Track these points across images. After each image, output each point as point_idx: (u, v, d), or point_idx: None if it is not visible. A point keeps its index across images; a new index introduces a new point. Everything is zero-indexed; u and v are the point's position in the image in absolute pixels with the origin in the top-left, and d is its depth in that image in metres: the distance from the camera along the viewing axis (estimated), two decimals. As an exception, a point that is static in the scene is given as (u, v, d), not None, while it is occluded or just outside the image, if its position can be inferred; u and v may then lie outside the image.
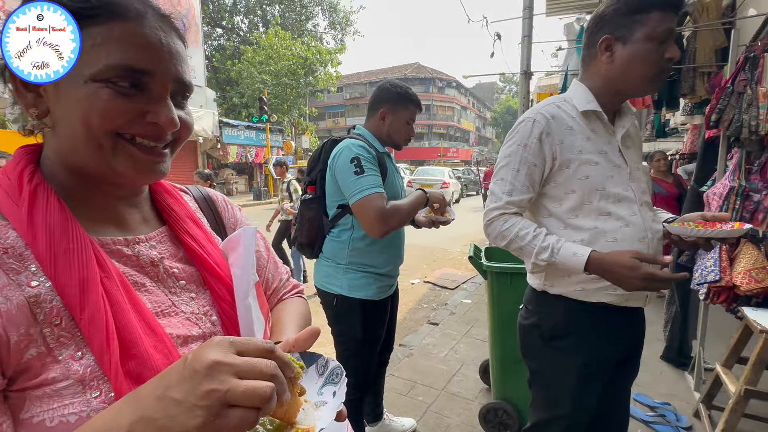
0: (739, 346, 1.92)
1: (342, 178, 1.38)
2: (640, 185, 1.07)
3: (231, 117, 20.12)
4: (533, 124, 1.06)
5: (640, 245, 1.02)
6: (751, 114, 1.89)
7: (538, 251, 1.02)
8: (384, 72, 39.18)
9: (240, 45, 22.25)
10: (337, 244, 1.49)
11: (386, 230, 1.33)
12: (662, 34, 0.95)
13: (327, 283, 1.52)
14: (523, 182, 1.07)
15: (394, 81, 1.54)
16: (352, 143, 1.39)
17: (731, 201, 1.94)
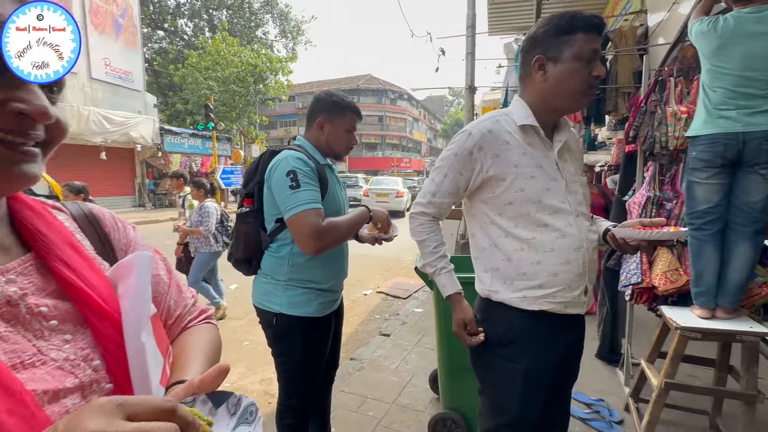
0: (659, 342, 2.09)
1: (278, 192, 1.32)
2: (577, 197, 1.13)
3: (174, 124, 19.01)
4: (468, 136, 1.13)
5: (575, 255, 1.08)
6: (661, 131, 2.10)
7: (428, 265, 1.22)
8: (337, 82, 39.21)
9: (184, 49, 21.19)
10: (275, 259, 1.42)
11: (321, 247, 1.28)
12: (588, 54, 1.03)
13: (265, 300, 1.44)
14: (447, 187, 1.16)
15: (330, 90, 1.52)
16: (291, 155, 1.34)
17: (648, 209, 2.13)
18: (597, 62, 1.04)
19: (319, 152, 1.49)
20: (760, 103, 1.69)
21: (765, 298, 1.89)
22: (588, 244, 1.11)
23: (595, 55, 1.04)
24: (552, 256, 1.08)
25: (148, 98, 15.77)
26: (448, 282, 1.20)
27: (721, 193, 1.83)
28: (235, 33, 22.04)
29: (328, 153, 1.51)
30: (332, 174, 1.51)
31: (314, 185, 1.32)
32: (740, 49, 1.72)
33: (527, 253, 1.09)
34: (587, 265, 1.11)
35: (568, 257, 1.08)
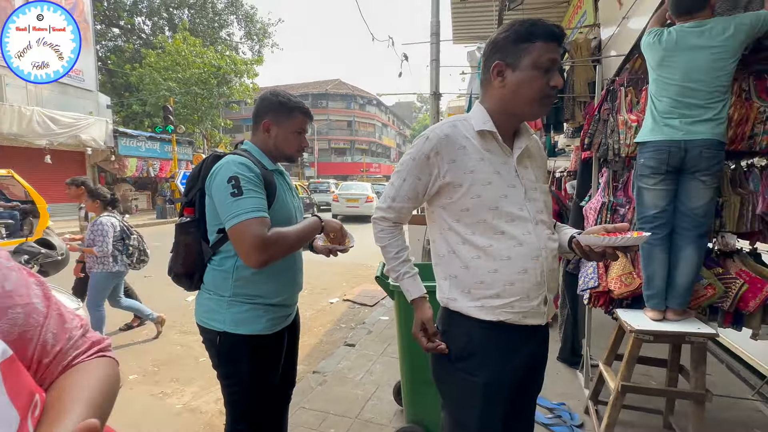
0: (616, 344, 2.14)
1: (219, 200, 1.21)
2: (536, 204, 1.11)
3: (131, 126, 18.01)
4: (426, 141, 1.10)
5: (533, 263, 1.05)
6: (614, 139, 2.16)
7: (391, 270, 1.20)
8: (304, 86, 38.79)
9: (141, 48, 20.20)
10: (219, 273, 1.31)
11: (265, 260, 1.18)
12: (546, 63, 1.02)
13: (208, 318, 1.32)
14: (406, 192, 1.15)
15: (276, 90, 1.43)
16: (233, 160, 1.24)
17: (603, 215, 2.19)
18: (555, 72, 1.03)
19: (268, 156, 1.39)
20: (700, 112, 1.77)
21: (710, 299, 1.97)
22: (547, 253, 1.08)
23: (553, 65, 1.03)
24: (509, 265, 1.05)
25: (101, 98, 14.84)
26: (411, 286, 1.18)
27: (667, 198, 1.90)
28: (198, 33, 21.29)
29: (277, 157, 1.42)
30: (282, 180, 1.42)
31: (259, 192, 1.23)
32: (682, 61, 1.80)
33: (484, 261, 1.06)
34: (546, 275, 1.08)
35: (526, 266, 1.05)
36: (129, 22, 22.04)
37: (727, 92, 1.77)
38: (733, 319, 2.03)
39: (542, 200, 1.13)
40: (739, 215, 1.96)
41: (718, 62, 1.73)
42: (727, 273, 2.01)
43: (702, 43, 1.76)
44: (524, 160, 1.14)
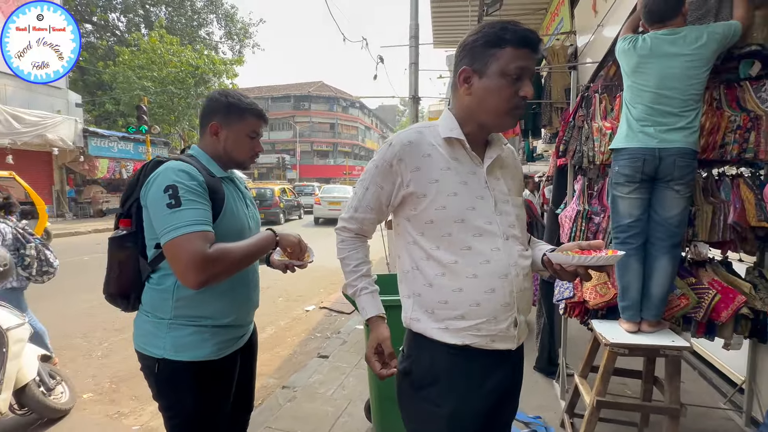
0: (591, 356, 2.09)
1: (154, 212, 1.08)
2: (507, 218, 1.02)
3: (104, 126, 17.37)
4: (389, 147, 1.03)
5: (500, 282, 0.96)
6: (588, 146, 2.13)
7: (348, 285, 1.11)
8: (287, 88, 38.40)
9: (115, 45, 19.54)
10: (157, 293, 1.17)
11: (204, 280, 1.05)
12: (515, 71, 0.93)
13: (146, 343, 1.18)
14: (369, 201, 1.08)
15: (225, 90, 1.31)
16: (173, 167, 1.11)
17: (578, 223, 2.15)
18: (526, 81, 0.95)
19: (217, 162, 1.26)
20: (674, 120, 1.75)
21: (684, 309, 1.94)
22: (518, 271, 0.99)
23: (523, 73, 0.94)
24: (475, 284, 0.96)
25: (71, 97, 14.21)
26: (368, 303, 1.08)
27: (642, 207, 1.87)
28: (175, 31, 20.74)
29: (228, 163, 1.29)
30: (233, 188, 1.29)
31: (201, 202, 1.10)
32: (656, 68, 1.77)
33: (448, 279, 0.97)
34: (516, 295, 0.98)
35: (493, 285, 0.96)
36: (102, 18, 21.30)
37: (699, 101, 1.75)
38: (706, 329, 2.01)
39: (514, 214, 1.04)
40: (711, 224, 1.94)
41: (692, 70, 1.71)
42: (700, 283, 1.99)
43: (676, 50, 1.74)
44: (496, 170, 1.06)
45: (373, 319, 1.06)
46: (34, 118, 11.79)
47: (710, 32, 1.70)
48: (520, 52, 0.93)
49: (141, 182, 1.15)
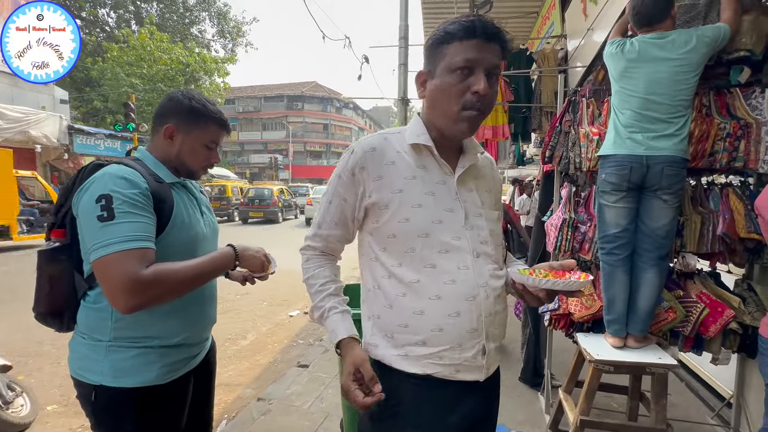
0: (576, 371, 2.01)
1: (84, 224, 0.97)
2: (479, 233, 0.92)
3: (92, 123, 17.01)
4: (351, 155, 0.95)
5: (467, 305, 0.87)
6: (575, 152, 2.05)
7: (314, 307, 0.97)
8: (280, 87, 38.14)
9: (104, 41, 19.20)
10: (94, 312, 1.05)
11: (136, 305, 0.93)
12: (460, 64, 0.83)
13: (81, 368, 1.05)
14: (332, 216, 0.98)
15: (189, 91, 1.19)
16: (111, 173, 0.99)
17: (564, 232, 2.07)
18: (477, 75, 0.84)
19: (167, 167, 1.15)
20: (663, 127, 1.68)
21: (671, 323, 1.87)
22: (488, 292, 0.89)
23: (473, 66, 0.83)
24: (438, 306, 0.86)
25: (57, 93, 13.91)
26: (338, 325, 0.93)
27: (629, 217, 1.79)
28: (166, 29, 20.47)
29: (180, 170, 1.18)
30: (186, 195, 1.17)
31: (141, 215, 0.98)
32: (644, 72, 1.70)
33: (410, 299, 0.88)
34: (485, 320, 0.88)
35: (458, 308, 0.86)
36: (92, 14, 20.90)
37: (689, 107, 1.68)
38: (694, 344, 1.94)
39: (488, 229, 0.95)
40: (700, 235, 1.87)
41: (680, 75, 1.65)
42: (688, 296, 1.92)
43: (664, 55, 1.67)
44: (469, 180, 0.97)
45: (345, 342, 0.91)
46: (17, 114, 11.50)
47: (699, 36, 1.64)
48: (468, 43, 0.83)
49: (76, 188, 1.03)
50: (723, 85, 1.94)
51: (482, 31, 0.83)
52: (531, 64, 4.76)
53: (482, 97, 0.84)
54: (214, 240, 1.28)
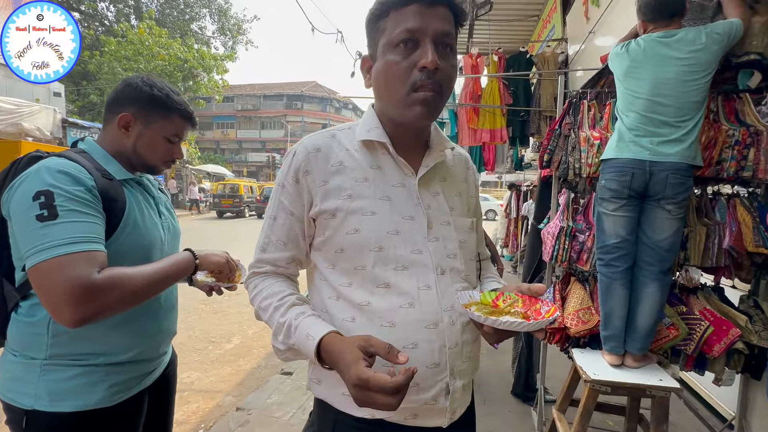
0: (571, 388, 1.90)
1: (17, 224, 0.84)
2: (446, 245, 0.78)
3: (88, 117, 16.81)
4: (293, 158, 0.79)
5: (426, 334, 0.71)
6: (575, 157, 1.95)
7: (277, 330, 0.74)
8: (280, 86, 38.02)
9: (102, 35, 19.05)
10: (27, 326, 0.92)
11: (86, 316, 0.81)
12: (402, 36, 0.69)
13: (11, 390, 0.93)
14: (279, 235, 0.80)
15: (151, 79, 1.06)
16: (49, 166, 0.86)
17: (562, 241, 1.96)
18: (424, 47, 0.68)
19: (118, 161, 1.03)
20: (669, 131, 1.57)
21: (673, 340, 1.76)
22: (453, 318, 0.74)
23: (417, 37, 0.69)
24: (391, 336, 0.69)
25: (52, 85, 13.70)
26: (312, 327, 0.69)
27: (629, 227, 1.68)
28: (166, 24, 20.33)
29: (135, 164, 1.06)
30: (140, 193, 1.05)
31: (89, 214, 0.86)
32: (650, 72, 1.60)
33: (358, 326, 0.72)
34: (449, 351, 0.73)
35: (415, 338, 0.71)
36: (91, 7, 20.72)
37: (699, 110, 1.57)
38: (696, 363, 1.84)
39: (457, 240, 0.80)
40: (705, 248, 1.77)
41: (689, 75, 1.54)
42: (691, 312, 1.81)
43: (671, 53, 1.57)
44: (434, 182, 0.82)
45: (328, 339, 0.65)
46: (10, 106, 11.26)
47: (709, 33, 1.53)
48: (406, 10, 0.69)
49: (7, 184, 0.91)
50: (731, 90, 1.84)
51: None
52: (531, 67, 4.66)
53: (433, 72, 0.68)
54: (175, 244, 1.15)
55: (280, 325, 0.73)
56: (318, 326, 0.69)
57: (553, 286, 2.05)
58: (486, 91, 4.63)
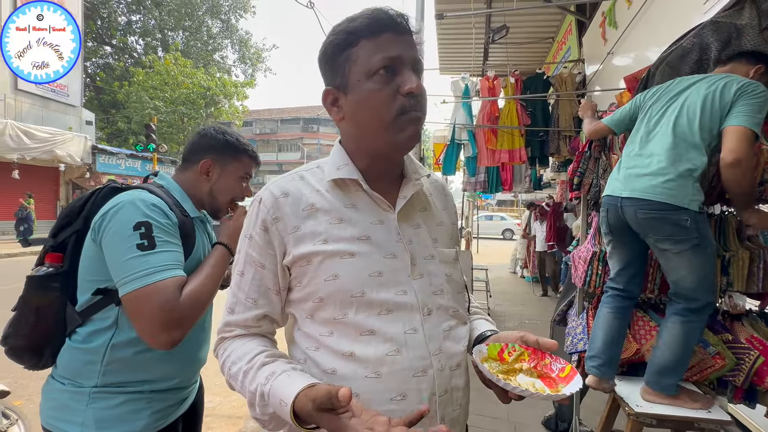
0: (610, 420, 1.80)
1: (115, 251, 0.89)
2: (433, 281, 0.73)
3: (116, 143, 17.68)
4: (259, 205, 0.73)
5: (415, 382, 0.66)
6: (606, 179, 1.91)
7: (251, 400, 0.64)
8: (296, 110, 39.15)
9: (131, 66, 20.15)
10: (81, 354, 0.95)
11: (179, 337, 0.89)
12: (382, 63, 0.66)
13: (57, 419, 0.94)
14: (248, 292, 0.72)
15: (221, 127, 1.17)
16: (142, 199, 0.93)
17: (594, 266, 1.91)
18: (406, 73, 0.67)
19: (192, 201, 1.11)
20: (647, 162, 1.51)
21: (720, 370, 1.67)
22: (442, 363, 0.68)
23: (395, 64, 0.67)
24: (377, 387, 0.65)
25: (84, 114, 14.50)
26: (282, 390, 0.60)
27: (621, 263, 1.68)
28: (190, 55, 21.39)
29: (208, 204, 1.15)
30: (203, 231, 1.13)
31: (176, 244, 0.95)
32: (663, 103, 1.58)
33: (340, 378, 0.66)
34: (440, 399, 0.68)
35: (403, 388, 0.66)
36: (121, 41, 22.04)
37: (699, 147, 1.45)
38: (745, 395, 1.72)
39: (443, 274, 0.75)
40: (749, 273, 1.69)
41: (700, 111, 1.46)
42: (737, 340, 1.72)
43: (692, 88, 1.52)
44: (414, 214, 0.77)
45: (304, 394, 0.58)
46: (45, 135, 11.95)
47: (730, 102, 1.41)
48: (379, 39, 0.67)
49: (89, 212, 0.97)
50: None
51: (392, 23, 0.67)
52: (548, 88, 4.69)
53: (418, 97, 0.67)
54: None
55: (253, 395, 0.64)
56: (291, 386, 0.60)
57: (585, 311, 1.99)
58: (504, 112, 4.66)
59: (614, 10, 3.86)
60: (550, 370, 0.64)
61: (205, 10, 22.57)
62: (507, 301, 6.44)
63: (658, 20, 3.00)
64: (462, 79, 4.80)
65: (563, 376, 0.62)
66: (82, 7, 14.25)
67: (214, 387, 3.42)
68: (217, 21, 23.31)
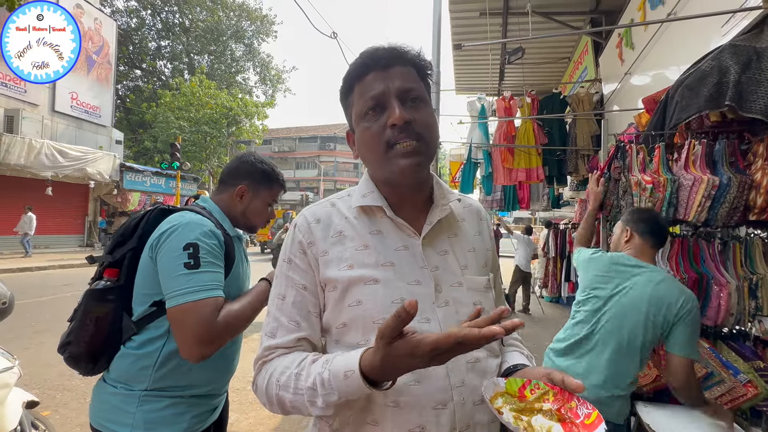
0: (636, 450, 1.74)
1: (165, 267, 0.98)
2: (457, 310, 0.70)
3: (142, 161, 18.46)
4: (295, 230, 0.77)
5: (433, 415, 0.65)
6: (627, 200, 1.91)
7: (311, 397, 0.62)
8: (314, 129, 40.08)
9: (159, 89, 21.19)
10: (135, 359, 1.03)
11: (209, 353, 0.97)
12: (368, 104, 0.70)
13: (108, 420, 1.01)
14: (290, 314, 0.72)
15: (258, 156, 1.28)
16: (196, 222, 1.03)
17: (615, 287, 1.88)
18: (389, 107, 0.69)
19: (230, 220, 1.21)
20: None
21: (752, 399, 1.61)
22: (464, 396, 0.66)
23: (379, 102, 0.70)
24: (395, 417, 0.64)
25: (114, 134, 15.25)
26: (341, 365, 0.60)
27: None
28: (214, 77, 22.35)
29: (240, 223, 1.24)
30: (240, 247, 1.22)
31: (219, 265, 1.03)
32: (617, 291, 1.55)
33: (358, 404, 0.67)
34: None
35: (422, 420, 0.64)
36: (151, 65, 23.26)
37: (636, 357, 1.45)
38: (782, 426, 1.65)
39: (470, 302, 0.72)
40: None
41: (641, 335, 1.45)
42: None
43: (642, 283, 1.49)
44: (441, 240, 0.76)
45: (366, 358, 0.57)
46: (77, 153, 12.58)
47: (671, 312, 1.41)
48: (365, 81, 0.71)
49: (144, 231, 1.06)
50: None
51: (375, 62, 0.71)
52: (564, 107, 4.72)
53: (406, 126, 0.68)
54: (247, 285, 1.27)
55: (312, 390, 0.62)
56: (350, 357, 0.59)
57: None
58: (520, 132, 4.70)
59: (630, 32, 3.89)
60: (574, 415, 0.58)
61: (229, 35, 23.66)
62: (524, 321, 6.31)
63: (676, 42, 3.02)
64: (478, 99, 4.88)
65: (588, 423, 0.56)
66: (116, 34, 15.18)
67: (232, 403, 3.44)
68: (240, 45, 24.39)
